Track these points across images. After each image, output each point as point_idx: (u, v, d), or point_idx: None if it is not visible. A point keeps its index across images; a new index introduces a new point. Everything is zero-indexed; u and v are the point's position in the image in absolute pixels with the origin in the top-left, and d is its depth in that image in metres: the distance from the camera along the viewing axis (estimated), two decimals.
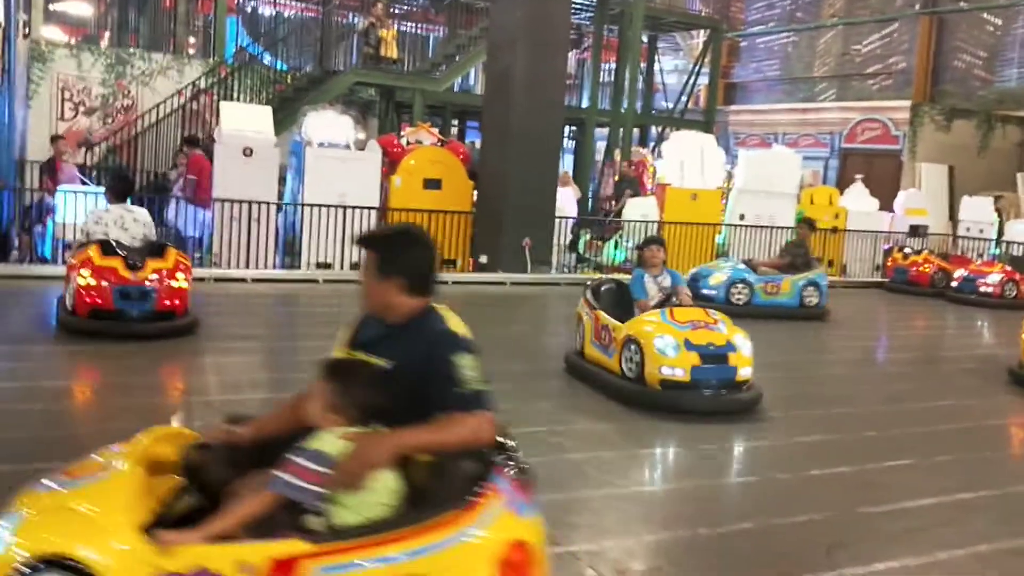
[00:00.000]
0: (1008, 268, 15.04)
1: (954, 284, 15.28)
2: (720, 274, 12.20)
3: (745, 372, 6.84)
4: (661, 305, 7.31)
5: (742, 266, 12.33)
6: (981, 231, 18.14)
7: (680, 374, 6.68)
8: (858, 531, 4.72)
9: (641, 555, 4.30)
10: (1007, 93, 21.04)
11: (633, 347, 6.93)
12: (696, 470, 5.77)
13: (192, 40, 19.40)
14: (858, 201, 17.68)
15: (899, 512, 4.99)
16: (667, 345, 6.72)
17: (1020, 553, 4.53)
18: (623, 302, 7.68)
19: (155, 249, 8.28)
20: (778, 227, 15.93)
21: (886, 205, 18.34)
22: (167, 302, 8.03)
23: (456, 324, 2.81)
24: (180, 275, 8.18)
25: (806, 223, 13.03)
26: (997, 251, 17.44)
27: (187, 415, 5.38)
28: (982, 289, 14.77)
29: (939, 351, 11.59)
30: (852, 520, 4.86)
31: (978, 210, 18.45)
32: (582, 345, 7.73)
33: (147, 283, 7.91)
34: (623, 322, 7.24)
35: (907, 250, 16.81)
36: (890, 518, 4.90)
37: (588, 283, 8.27)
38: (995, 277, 14.82)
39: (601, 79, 21.83)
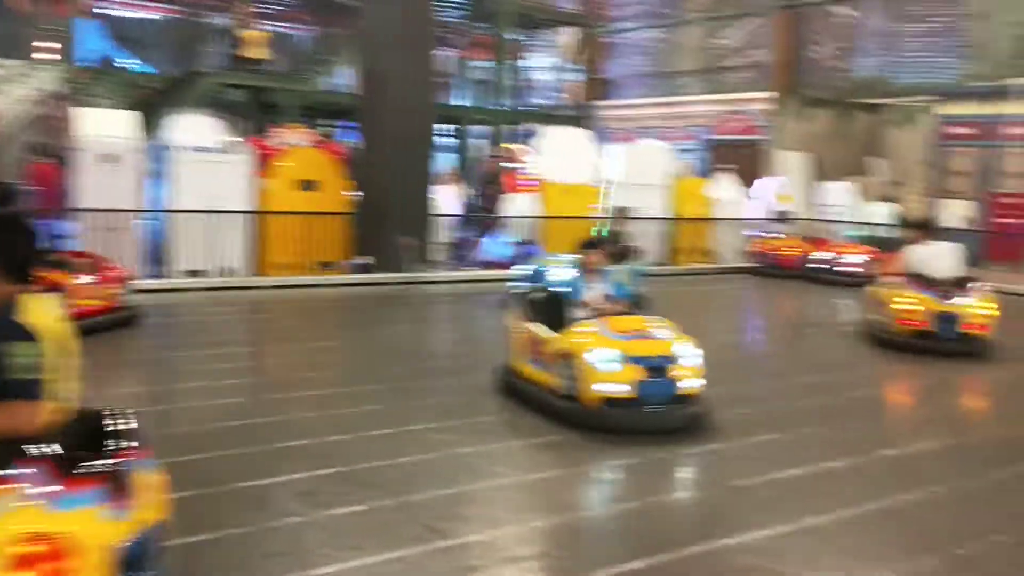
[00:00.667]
0: (873, 249, 15.77)
1: (817, 266, 16.01)
2: (560, 270, 12.14)
3: (691, 384, 6.26)
4: (600, 314, 6.74)
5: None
6: (840, 214, 19.08)
7: (623, 390, 6.06)
8: (732, 504, 4.92)
9: (529, 542, 4.37)
10: (861, 82, 22.17)
11: (567, 362, 6.32)
12: (579, 455, 5.88)
13: (47, 44, 18.49)
14: (726, 191, 18.33)
15: (769, 483, 5.22)
16: (602, 359, 6.10)
17: (883, 514, 4.79)
18: (558, 311, 6.95)
19: None
20: (650, 218, 16.33)
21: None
22: None
23: (36, 313, 2.76)
24: None
25: (620, 212, 12.92)
26: (853, 233, 18.28)
27: None
28: (843, 269, 15.52)
29: (806, 329, 12.14)
30: (726, 493, 5.08)
31: (835, 194, 19.39)
32: (514, 359, 7.13)
33: None
34: (559, 332, 6.62)
35: (773, 235, 17.52)
36: (761, 489, 5.12)
37: (526, 294, 7.44)
38: (860, 258, 15.53)
39: (477, 77, 21.94)
